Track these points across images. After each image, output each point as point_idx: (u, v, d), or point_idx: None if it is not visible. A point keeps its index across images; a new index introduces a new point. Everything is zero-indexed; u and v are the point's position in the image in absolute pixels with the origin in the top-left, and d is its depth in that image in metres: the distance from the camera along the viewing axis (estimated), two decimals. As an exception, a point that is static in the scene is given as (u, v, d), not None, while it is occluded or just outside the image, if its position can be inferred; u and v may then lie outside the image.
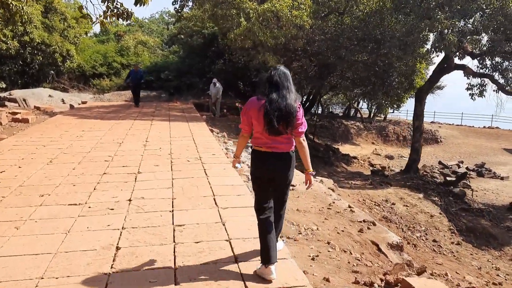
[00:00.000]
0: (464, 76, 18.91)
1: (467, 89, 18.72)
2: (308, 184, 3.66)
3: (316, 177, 13.19)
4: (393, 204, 10.82)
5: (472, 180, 21.75)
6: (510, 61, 16.90)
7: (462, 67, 15.68)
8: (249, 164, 3.93)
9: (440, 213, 11.41)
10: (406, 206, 11.21)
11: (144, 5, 7.03)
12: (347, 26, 15.60)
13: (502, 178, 22.01)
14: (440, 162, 23.46)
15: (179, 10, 17.79)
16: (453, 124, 38.76)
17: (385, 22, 14.96)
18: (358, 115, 33.62)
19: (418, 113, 16.38)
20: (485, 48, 13.44)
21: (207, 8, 16.37)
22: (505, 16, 11.01)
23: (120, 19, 7.35)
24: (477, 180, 21.75)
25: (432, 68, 17.45)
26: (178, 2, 17.46)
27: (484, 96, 18.37)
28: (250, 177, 4.26)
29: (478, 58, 14.82)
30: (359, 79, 15.70)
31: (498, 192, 19.40)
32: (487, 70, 17.30)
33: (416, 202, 11.85)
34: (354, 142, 28.45)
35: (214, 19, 17.34)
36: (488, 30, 11.45)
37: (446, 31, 11.55)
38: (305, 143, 3.54)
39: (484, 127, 39.59)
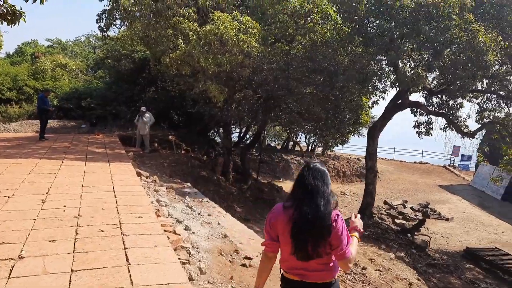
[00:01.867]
0: (412, 113, 18.19)
1: (414, 127, 17.98)
2: None
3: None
4: (364, 268, 9.04)
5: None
6: (457, 100, 16.37)
7: (417, 104, 14.72)
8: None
9: (418, 279, 9.82)
10: (379, 270, 9.50)
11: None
12: (295, 55, 14.09)
13: (447, 219, 21.44)
14: (385, 202, 22.51)
15: (105, 30, 15.25)
16: (386, 158, 38.99)
17: (338, 53, 13.67)
18: (297, 148, 32.45)
19: (371, 152, 15.10)
20: (445, 85, 12.51)
21: (137, 28, 14.08)
22: (474, 51, 9.99)
23: (3, 20, 4.98)
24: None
25: (383, 104, 16.38)
26: (104, 20, 14.93)
27: (431, 135, 17.71)
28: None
29: (434, 96, 13.92)
30: (310, 113, 14.09)
31: (447, 236, 18.59)
32: (433, 108, 16.62)
33: (389, 264, 10.21)
34: (296, 178, 26.97)
35: (146, 41, 15.09)
36: (457, 65, 10.41)
37: (411, 64, 10.33)
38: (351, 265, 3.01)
39: (415, 162, 40.30)
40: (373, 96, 15.05)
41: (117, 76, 22.07)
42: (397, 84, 11.42)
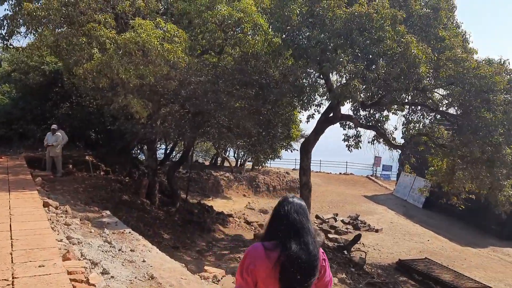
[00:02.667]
0: (341, 127, 18.15)
1: (344, 140, 17.93)
2: None
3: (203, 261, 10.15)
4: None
5: (350, 234, 20.93)
6: (383, 113, 16.58)
7: (349, 118, 14.53)
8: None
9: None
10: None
11: None
12: (225, 68, 13.28)
13: (377, 231, 21.70)
14: (317, 216, 22.28)
15: (7, 38, 13.30)
16: (313, 171, 39.39)
17: (268, 66, 13.10)
18: (226, 164, 31.57)
19: (305, 167, 14.62)
20: (376, 98, 12.38)
21: (46, 36, 12.44)
22: (407, 63, 9.86)
23: None
24: (355, 234, 20.98)
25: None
26: (5, 27, 13.01)
27: (360, 148, 17.76)
28: None
29: (364, 109, 13.81)
30: (241, 129, 13.28)
31: (379, 248, 18.67)
32: (361, 121, 16.66)
33: (336, 290, 9.57)
34: (225, 196, 26.01)
35: (56, 51, 13.42)
36: (391, 77, 10.22)
37: (346, 76, 9.93)
38: None
39: (340, 173, 41.28)
40: (309, 110, 14.71)
41: (24, 90, 19.67)
42: (328, 97, 11.05)
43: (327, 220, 21.86)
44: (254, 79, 12.67)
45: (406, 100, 12.81)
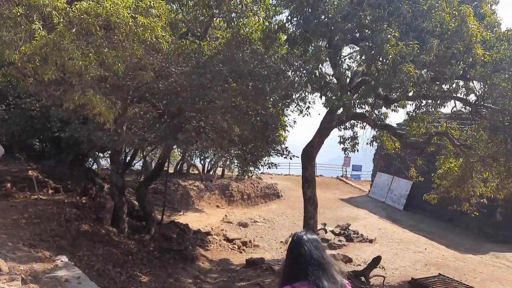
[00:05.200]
0: (336, 127, 15.70)
1: (340, 142, 15.53)
2: None
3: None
4: None
5: (346, 248, 18.61)
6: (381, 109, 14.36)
7: (363, 117, 12.04)
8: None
9: None
10: None
11: None
12: (209, 56, 10.36)
13: (371, 241, 19.53)
14: (305, 228, 19.74)
15: None
16: (282, 174, 37.17)
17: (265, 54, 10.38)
18: (194, 171, 28.47)
19: (309, 178, 11.98)
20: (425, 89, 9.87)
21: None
22: (463, 41, 7.46)
23: None
24: (350, 247, 18.66)
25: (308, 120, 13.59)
26: None
27: (358, 150, 15.47)
28: None
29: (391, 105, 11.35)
30: (233, 133, 10.40)
31: (382, 264, 16.34)
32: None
33: None
34: (197, 208, 22.97)
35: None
36: (445, 60, 7.77)
37: (398, 59, 7.31)
38: None
39: (300, 175, 38.89)
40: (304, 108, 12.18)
41: None
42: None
43: (317, 232, 19.35)
44: (250, 70, 9.85)
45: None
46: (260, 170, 13.84)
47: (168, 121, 10.56)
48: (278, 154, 12.83)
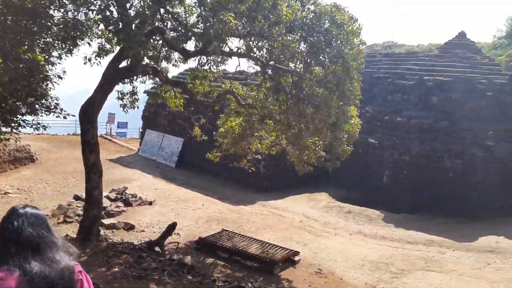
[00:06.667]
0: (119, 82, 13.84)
1: (118, 98, 13.82)
2: None
3: None
4: None
5: (125, 214, 17.16)
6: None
7: (155, 71, 10.54)
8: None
9: None
10: None
11: None
12: None
13: (150, 203, 18.67)
14: (76, 197, 17.29)
15: None
16: (32, 133, 31.96)
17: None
18: None
19: (91, 141, 9.91)
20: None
21: None
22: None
23: None
24: (130, 212, 17.29)
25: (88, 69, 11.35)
26: None
27: (138, 107, 14.15)
28: None
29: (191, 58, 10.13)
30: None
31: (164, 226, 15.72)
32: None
33: None
34: None
35: None
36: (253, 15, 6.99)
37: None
38: None
39: (68, 134, 34.63)
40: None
41: None
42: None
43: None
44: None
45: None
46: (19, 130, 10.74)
47: None
48: (46, 112, 10.17)
